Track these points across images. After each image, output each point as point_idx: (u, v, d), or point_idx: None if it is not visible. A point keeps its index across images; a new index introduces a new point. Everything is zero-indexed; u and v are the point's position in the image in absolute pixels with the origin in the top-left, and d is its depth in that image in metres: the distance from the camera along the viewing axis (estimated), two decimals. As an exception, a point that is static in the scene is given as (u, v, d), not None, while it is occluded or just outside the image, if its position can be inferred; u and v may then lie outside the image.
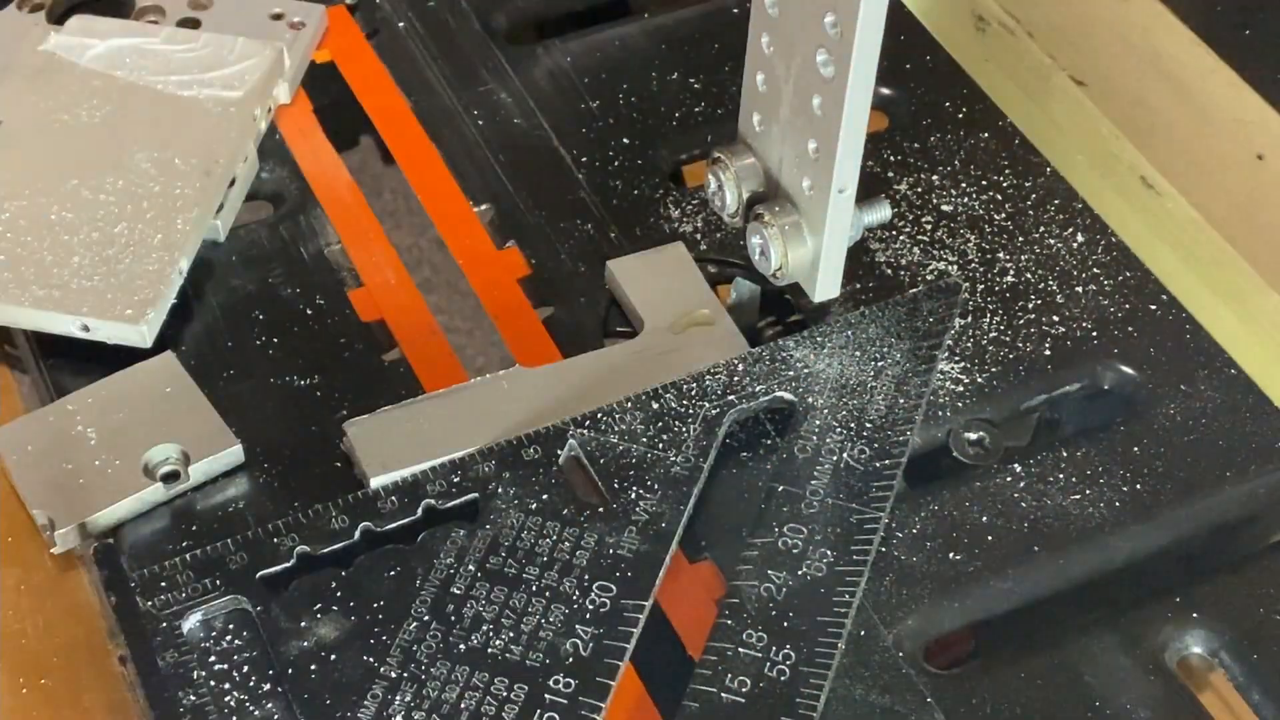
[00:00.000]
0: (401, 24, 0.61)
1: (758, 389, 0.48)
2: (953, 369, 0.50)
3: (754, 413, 0.48)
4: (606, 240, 0.54)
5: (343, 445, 0.47)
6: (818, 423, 0.47)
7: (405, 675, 0.41)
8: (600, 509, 0.45)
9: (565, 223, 0.54)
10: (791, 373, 0.48)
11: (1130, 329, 0.51)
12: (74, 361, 0.49)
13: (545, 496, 0.45)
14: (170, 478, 0.46)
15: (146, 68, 0.55)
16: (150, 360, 0.48)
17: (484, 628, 0.42)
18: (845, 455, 0.46)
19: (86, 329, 0.48)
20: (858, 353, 0.49)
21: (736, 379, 0.48)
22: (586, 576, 0.43)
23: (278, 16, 0.59)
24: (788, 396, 0.48)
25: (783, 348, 0.49)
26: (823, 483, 0.46)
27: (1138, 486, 0.47)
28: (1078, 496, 0.47)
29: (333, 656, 0.42)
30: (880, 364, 0.49)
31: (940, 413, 0.49)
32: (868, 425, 0.47)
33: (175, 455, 0.46)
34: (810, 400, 0.48)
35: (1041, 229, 0.54)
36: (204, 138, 0.53)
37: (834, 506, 0.45)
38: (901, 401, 0.48)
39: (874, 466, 0.46)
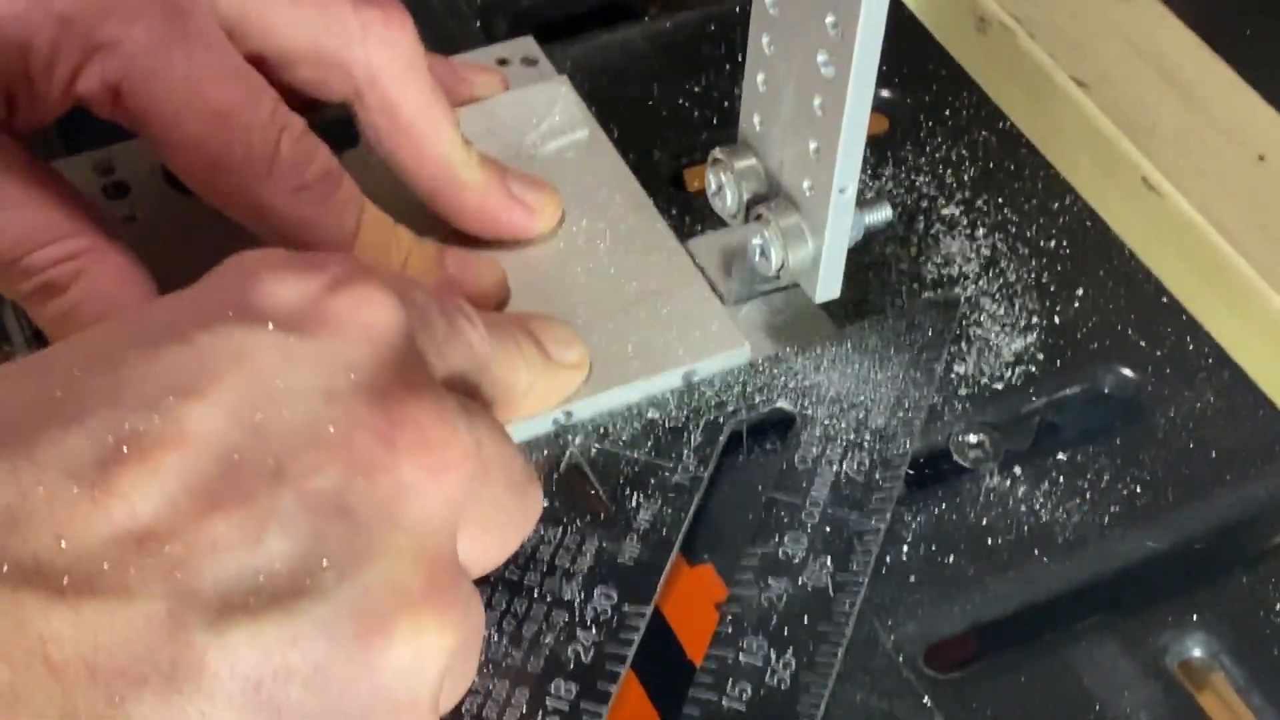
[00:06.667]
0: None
1: (757, 399, 0.48)
2: (953, 372, 0.50)
3: (754, 422, 0.48)
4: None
5: None
6: (817, 433, 0.47)
7: (406, 681, 0.42)
8: (601, 516, 0.45)
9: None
10: (791, 383, 0.48)
11: (1130, 331, 0.51)
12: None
13: (546, 503, 0.45)
14: None
15: (496, 147, 0.52)
16: None
17: (485, 632, 0.42)
18: (845, 466, 0.46)
19: (693, 373, 0.48)
20: (857, 364, 0.49)
21: (737, 389, 0.48)
22: (588, 582, 0.43)
23: (503, 62, 0.57)
24: (787, 407, 0.48)
25: (783, 358, 0.49)
26: (822, 493, 0.46)
27: (1138, 489, 0.47)
28: (1078, 499, 0.47)
29: (334, 662, 0.42)
30: (880, 375, 0.49)
31: (940, 416, 0.49)
32: (867, 436, 0.47)
33: None
34: (810, 411, 0.48)
35: (1042, 230, 0.54)
36: (599, 181, 0.52)
37: (833, 516, 0.45)
38: (901, 413, 0.48)
39: (873, 477, 0.46)
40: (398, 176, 0.48)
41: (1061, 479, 0.48)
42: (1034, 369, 0.50)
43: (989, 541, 0.46)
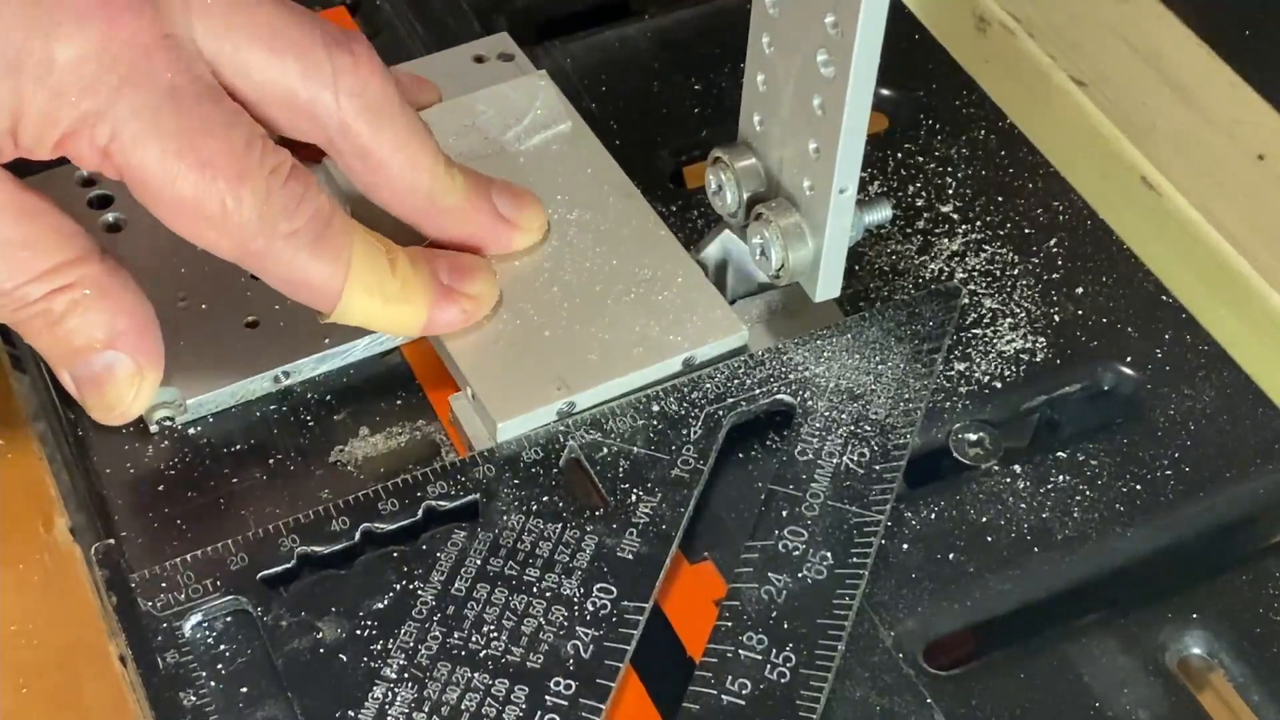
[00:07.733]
0: (402, 25, 0.61)
1: (758, 392, 0.48)
2: (952, 370, 0.50)
3: (754, 415, 0.48)
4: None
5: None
6: (818, 425, 0.47)
7: (406, 677, 0.42)
8: (600, 511, 0.45)
9: (566, 223, 0.54)
10: (792, 375, 0.48)
11: (1130, 329, 0.51)
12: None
13: (546, 498, 0.45)
14: None
15: (480, 144, 0.53)
16: None
17: (485, 629, 0.42)
18: (845, 458, 0.46)
19: (693, 359, 0.48)
20: (858, 356, 0.49)
21: (737, 381, 0.48)
22: (587, 578, 0.43)
23: (480, 59, 0.57)
24: (788, 399, 0.48)
25: (783, 350, 0.49)
26: (823, 485, 0.46)
27: (1137, 487, 0.47)
28: (1078, 497, 0.47)
29: (333, 658, 0.42)
30: (880, 367, 0.49)
31: (940, 414, 0.49)
32: (868, 428, 0.47)
33: None
34: (810, 403, 0.48)
35: (1041, 229, 0.54)
36: (586, 172, 0.52)
37: (834, 509, 0.45)
38: (901, 405, 0.48)
39: (874, 469, 0.46)
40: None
41: (1061, 476, 0.48)
42: (1034, 367, 0.50)
43: (989, 539, 0.46)
